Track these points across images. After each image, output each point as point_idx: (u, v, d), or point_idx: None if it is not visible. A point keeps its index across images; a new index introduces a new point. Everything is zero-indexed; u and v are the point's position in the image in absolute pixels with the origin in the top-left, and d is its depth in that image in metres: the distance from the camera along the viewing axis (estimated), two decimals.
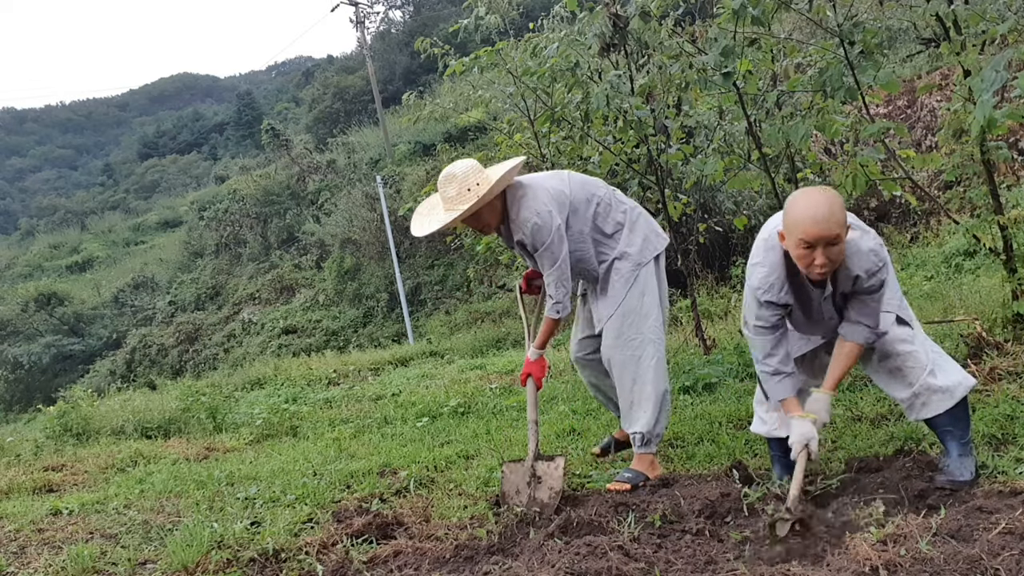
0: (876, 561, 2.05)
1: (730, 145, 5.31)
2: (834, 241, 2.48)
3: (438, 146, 18.11)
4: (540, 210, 3.15)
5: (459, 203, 3.14)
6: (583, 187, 3.35)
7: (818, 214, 2.46)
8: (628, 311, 3.29)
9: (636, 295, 3.30)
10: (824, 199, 2.50)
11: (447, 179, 3.20)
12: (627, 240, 3.34)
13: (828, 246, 2.48)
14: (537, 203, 3.17)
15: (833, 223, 2.46)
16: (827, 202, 2.48)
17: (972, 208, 7.04)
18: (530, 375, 3.40)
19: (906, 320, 2.76)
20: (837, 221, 2.46)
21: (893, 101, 11.29)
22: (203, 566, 2.87)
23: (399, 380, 9.02)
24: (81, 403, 7.35)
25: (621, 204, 3.42)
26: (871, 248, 2.59)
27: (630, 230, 3.36)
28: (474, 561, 2.62)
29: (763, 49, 4.50)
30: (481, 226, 3.30)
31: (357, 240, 21.46)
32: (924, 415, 2.72)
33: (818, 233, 2.46)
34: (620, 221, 3.37)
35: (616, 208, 3.39)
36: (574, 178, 3.39)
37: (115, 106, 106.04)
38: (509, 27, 6.14)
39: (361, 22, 31.79)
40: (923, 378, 2.68)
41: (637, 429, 3.31)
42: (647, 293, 3.32)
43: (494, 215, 3.25)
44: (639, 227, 3.39)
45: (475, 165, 3.23)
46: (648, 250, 3.36)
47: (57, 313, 29.45)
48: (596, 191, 3.38)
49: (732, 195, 9.78)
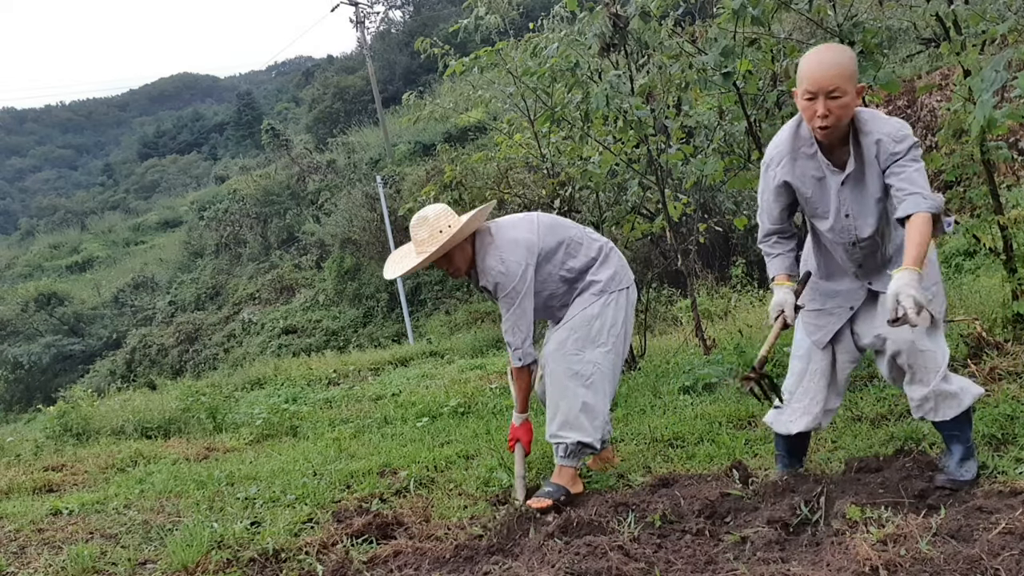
0: (876, 561, 2.05)
1: (730, 145, 5.31)
2: (836, 93, 2.43)
3: (438, 146, 18.11)
4: (506, 258, 3.20)
5: (429, 245, 3.21)
6: (552, 232, 3.34)
7: (823, 61, 2.45)
8: (576, 327, 3.27)
9: (588, 316, 3.28)
10: (833, 51, 2.50)
11: (419, 222, 3.26)
12: (597, 271, 3.36)
13: (830, 98, 2.44)
14: (503, 251, 3.21)
15: (836, 71, 2.42)
16: (834, 53, 2.48)
17: (972, 208, 7.04)
18: (518, 440, 3.38)
19: (935, 318, 2.63)
20: (842, 71, 2.43)
21: (893, 101, 11.30)
22: (203, 566, 2.87)
23: (399, 380, 9.03)
24: (81, 403, 7.35)
25: (594, 241, 3.43)
26: (897, 121, 2.54)
27: (601, 264, 3.38)
28: (474, 561, 2.62)
29: (763, 49, 4.50)
30: (452, 269, 3.34)
31: (357, 240, 21.46)
32: (931, 418, 2.68)
33: (820, 79, 2.42)
34: (593, 256, 3.38)
35: (588, 245, 3.39)
36: (543, 223, 3.36)
37: (115, 106, 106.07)
38: (509, 27, 6.15)
39: (361, 22, 31.82)
40: (936, 381, 2.62)
41: (561, 438, 3.22)
42: (601, 318, 3.27)
43: (464, 259, 3.30)
44: (611, 261, 3.40)
45: (446, 209, 3.30)
46: (615, 282, 3.35)
47: (57, 313, 29.46)
48: (566, 233, 3.37)
49: (732, 195, 9.79)
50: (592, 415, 3.21)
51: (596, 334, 3.26)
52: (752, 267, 10.72)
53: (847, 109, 2.47)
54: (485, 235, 3.30)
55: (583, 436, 3.19)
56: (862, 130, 2.54)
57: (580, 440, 3.18)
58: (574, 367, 3.23)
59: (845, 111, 2.47)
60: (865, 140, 2.53)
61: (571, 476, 3.22)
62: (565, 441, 3.20)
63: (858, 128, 2.55)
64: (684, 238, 6.54)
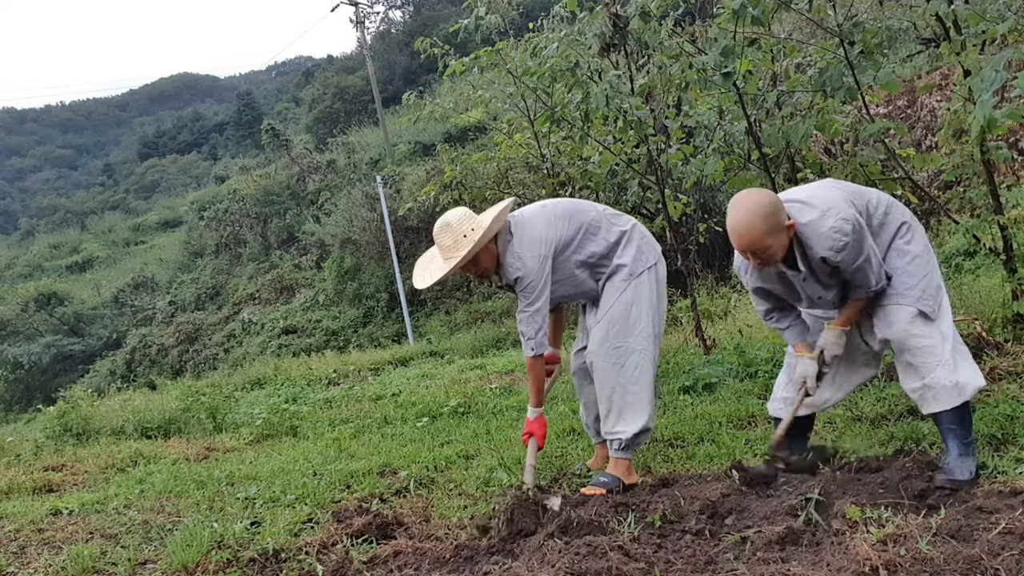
0: (876, 561, 2.05)
1: (730, 145, 5.31)
2: (758, 249, 2.63)
3: (438, 146, 18.08)
4: (523, 255, 3.25)
5: (456, 251, 3.23)
6: (568, 220, 3.36)
7: (737, 228, 2.63)
8: (614, 319, 3.30)
9: (624, 304, 3.31)
10: (744, 213, 2.62)
11: (442, 229, 3.28)
12: (621, 254, 3.37)
13: (759, 252, 2.64)
14: (522, 248, 3.26)
15: (751, 237, 2.61)
16: (747, 215, 2.61)
17: (972, 208, 7.03)
18: (531, 434, 3.39)
19: (927, 314, 2.74)
20: (756, 235, 2.60)
21: (893, 101, 11.29)
22: (203, 566, 2.87)
23: (399, 380, 9.02)
24: (81, 403, 7.35)
25: (614, 225, 3.42)
26: (831, 226, 2.63)
27: (624, 245, 3.38)
28: (474, 561, 2.62)
29: (763, 49, 4.50)
30: (480, 271, 3.36)
31: (357, 240, 21.43)
32: (932, 408, 2.73)
33: (741, 245, 2.66)
34: (614, 241, 3.38)
35: (608, 229, 3.40)
36: (557, 215, 3.37)
37: (115, 106, 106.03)
38: (509, 27, 6.15)
39: (361, 22, 31.82)
40: (936, 371, 2.69)
41: (616, 433, 3.27)
42: (636, 303, 3.31)
43: (490, 259, 3.32)
44: (633, 239, 3.41)
45: (467, 212, 3.33)
46: (641, 261, 3.36)
47: (57, 313, 29.44)
48: (584, 218, 3.38)
49: (732, 195, 9.77)
50: (642, 402, 3.29)
51: (635, 320, 3.31)
52: None
53: (778, 251, 2.68)
54: (505, 233, 3.33)
55: (636, 426, 3.26)
56: (806, 245, 2.72)
57: (635, 432, 3.25)
58: (620, 360, 3.29)
59: (777, 253, 2.68)
60: (811, 253, 2.72)
61: (626, 468, 3.28)
62: (620, 436, 3.27)
63: (802, 244, 2.73)
64: (684, 238, 6.54)
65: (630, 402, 3.26)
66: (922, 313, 2.74)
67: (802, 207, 2.70)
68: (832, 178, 3.38)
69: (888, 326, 2.78)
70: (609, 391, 3.29)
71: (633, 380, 3.27)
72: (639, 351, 3.29)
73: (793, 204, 2.73)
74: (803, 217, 2.68)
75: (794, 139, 4.01)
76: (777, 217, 2.62)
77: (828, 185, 2.92)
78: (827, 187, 2.87)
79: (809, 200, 2.72)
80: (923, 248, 2.84)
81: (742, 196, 2.69)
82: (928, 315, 2.74)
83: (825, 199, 2.71)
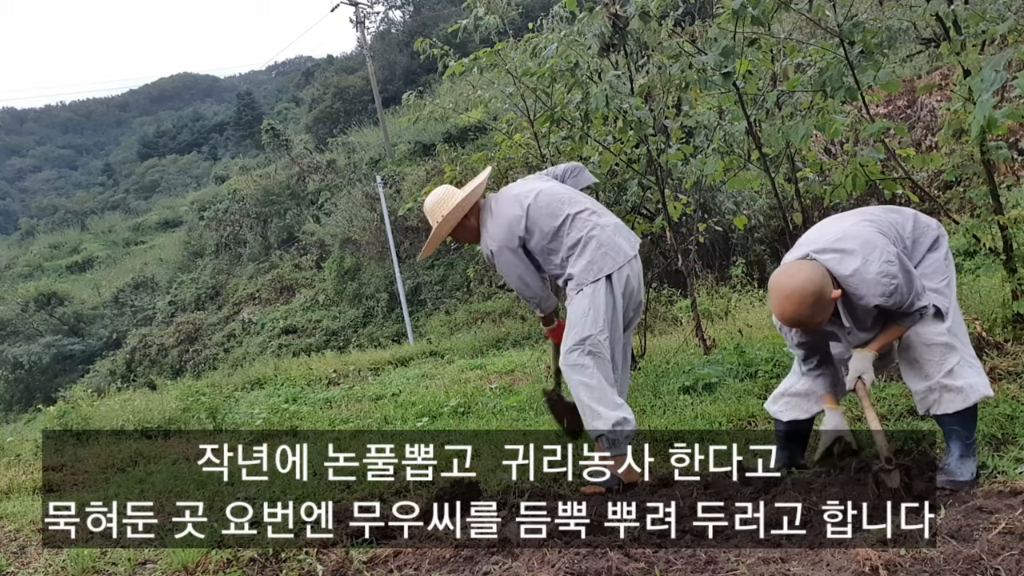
0: (876, 561, 2.05)
1: (730, 145, 5.31)
2: (806, 325, 2.61)
3: (438, 146, 18.09)
4: (495, 236, 3.47)
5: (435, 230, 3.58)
6: (549, 205, 3.46)
7: (784, 314, 2.58)
8: (570, 326, 3.43)
9: (578, 313, 3.41)
10: (791, 304, 2.54)
11: (427, 211, 3.63)
12: (573, 263, 3.45)
13: (812, 325, 2.61)
14: (490, 237, 3.50)
15: (798, 321, 2.58)
16: (794, 306, 2.54)
17: (972, 208, 7.03)
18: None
19: (942, 311, 2.72)
20: (803, 319, 2.56)
21: (893, 101, 11.29)
22: (203, 566, 2.87)
23: (399, 380, 9.01)
24: (81, 403, 7.35)
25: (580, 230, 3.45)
26: (878, 272, 2.54)
27: (578, 256, 3.44)
28: (474, 561, 2.62)
29: (763, 49, 4.50)
30: (468, 239, 3.71)
31: (357, 240, 21.44)
32: (934, 411, 2.71)
33: (794, 325, 2.62)
34: (570, 247, 3.45)
35: (575, 235, 3.45)
36: (539, 204, 3.47)
37: (115, 106, 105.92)
38: (508, 27, 6.14)
39: (361, 22, 31.80)
40: (940, 374, 2.67)
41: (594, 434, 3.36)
42: (587, 313, 3.38)
43: (471, 233, 3.62)
44: (587, 251, 3.44)
45: (446, 192, 3.64)
46: (590, 272, 3.41)
47: (57, 313, 29.42)
48: (564, 211, 3.45)
49: (732, 195, 9.78)
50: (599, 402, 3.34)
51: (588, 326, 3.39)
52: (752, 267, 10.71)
53: (825, 321, 2.62)
54: (484, 210, 3.57)
55: (601, 425, 3.32)
56: (855, 296, 2.62)
57: (601, 431, 3.31)
58: (572, 365, 3.39)
59: (824, 323, 2.63)
60: (860, 304, 2.63)
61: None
62: (599, 435, 3.35)
63: (853, 296, 2.63)
64: (684, 238, 6.54)
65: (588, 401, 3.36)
66: (936, 311, 2.71)
67: (841, 257, 2.59)
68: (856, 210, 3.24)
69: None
70: (575, 396, 3.44)
71: (586, 383, 3.37)
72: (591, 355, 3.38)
73: (831, 256, 2.62)
74: (846, 268, 2.57)
75: (794, 139, 4.01)
76: (824, 295, 2.54)
77: (856, 220, 2.80)
78: (856, 222, 2.76)
79: (845, 246, 2.60)
80: (943, 254, 2.83)
81: (785, 279, 2.58)
82: (941, 313, 2.72)
83: (860, 238, 2.62)
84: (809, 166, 5.60)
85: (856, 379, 2.74)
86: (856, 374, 2.74)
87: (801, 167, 5.41)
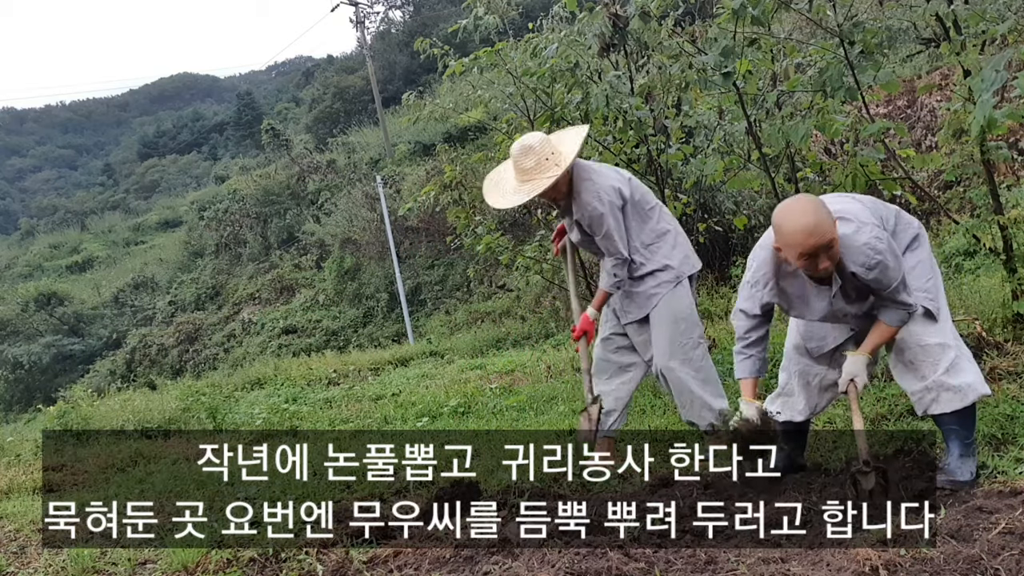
0: (876, 561, 2.06)
1: (730, 145, 5.31)
2: (830, 245, 2.51)
3: (438, 146, 18.09)
4: (603, 198, 3.31)
5: (537, 173, 3.28)
6: (640, 188, 3.51)
7: (808, 226, 2.49)
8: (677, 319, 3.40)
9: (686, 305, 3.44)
10: (809, 209, 2.52)
11: (523, 152, 3.33)
12: (668, 253, 3.44)
13: (827, 251, 2.51)
14: (601, 190, 3.32)
15: (824, 230, 2.50)
16: (813, 212, 2.51)
17: (972, 208, 7.04)
18: (585, 332, 3.52)
19: (933, 312, 2.73)
20: (827, 227, 2.50)
21: (893, 101, 11.28)
22: (203, 566, 2.87)
23: (399, 380, 9.01)
24: (81, 403, 7.35)
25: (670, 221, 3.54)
26: (865, 242, 2.57)
27: (672, 245, 3.46)
28: (474, 561, 2.62)
29: (763, 49, 4.50)
30: (556, 195, 3.42)
31: (357, 240, 21.45)
32: (932, 411, 2.71)
33: (815, 244, 2.49)
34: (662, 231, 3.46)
35: (659, 220, 3.48)
36: (634, 179, 3.54)
37: (115, 106, 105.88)
38: (508, 27, 6.14)
39: (361, 22, 31.83)
40: (937, 374, 2.67)
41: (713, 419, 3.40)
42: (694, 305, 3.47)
43: (567, 183, 3.38)
44: (680, 244, 3.51)
45: (546, 137, 3.41)
46: (687, 266, 3.47)
47: (57, 313, 29.42)
48: (652, 198, 3.53)
49: (732, 195, 9.76)
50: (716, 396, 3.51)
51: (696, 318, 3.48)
52: None
53: (838, 249, 2.57)
54: (582, 169, 3.40)
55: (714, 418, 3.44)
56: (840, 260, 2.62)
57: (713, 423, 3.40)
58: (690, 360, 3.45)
59: (838, 251, 2.57)
60: (841, 267, 2.62)
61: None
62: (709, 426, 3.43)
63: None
64: None
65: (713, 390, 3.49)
66: (927, 312, 2.72)
67: (837, 219, 2.61)
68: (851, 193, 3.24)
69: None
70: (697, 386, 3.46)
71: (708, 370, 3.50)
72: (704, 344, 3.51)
73: None
74: (839, 229, 2.59)
75: (794, 139, 4.01)
76: (831, 216, 2.56)
77: (849, 198, 2.85)
78: (849, 200, 2.81)
79: (842, 212, 2.64)
80: (927, 255, 2.85)
81: (794, 203, 2.61)
82: (932, 314, 2.72)
83: (855, 212, 2.66)
84: (809, 166, 5.60)
85: (848, 381, 2.74)
86: (848, 376, 2.74)
87: (801, 167, 5.41)
